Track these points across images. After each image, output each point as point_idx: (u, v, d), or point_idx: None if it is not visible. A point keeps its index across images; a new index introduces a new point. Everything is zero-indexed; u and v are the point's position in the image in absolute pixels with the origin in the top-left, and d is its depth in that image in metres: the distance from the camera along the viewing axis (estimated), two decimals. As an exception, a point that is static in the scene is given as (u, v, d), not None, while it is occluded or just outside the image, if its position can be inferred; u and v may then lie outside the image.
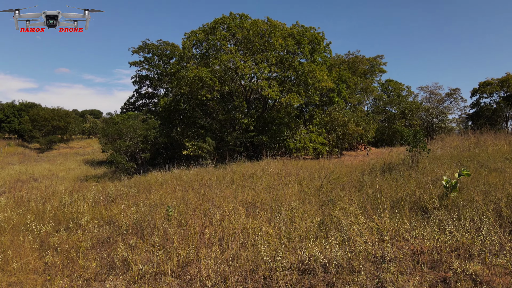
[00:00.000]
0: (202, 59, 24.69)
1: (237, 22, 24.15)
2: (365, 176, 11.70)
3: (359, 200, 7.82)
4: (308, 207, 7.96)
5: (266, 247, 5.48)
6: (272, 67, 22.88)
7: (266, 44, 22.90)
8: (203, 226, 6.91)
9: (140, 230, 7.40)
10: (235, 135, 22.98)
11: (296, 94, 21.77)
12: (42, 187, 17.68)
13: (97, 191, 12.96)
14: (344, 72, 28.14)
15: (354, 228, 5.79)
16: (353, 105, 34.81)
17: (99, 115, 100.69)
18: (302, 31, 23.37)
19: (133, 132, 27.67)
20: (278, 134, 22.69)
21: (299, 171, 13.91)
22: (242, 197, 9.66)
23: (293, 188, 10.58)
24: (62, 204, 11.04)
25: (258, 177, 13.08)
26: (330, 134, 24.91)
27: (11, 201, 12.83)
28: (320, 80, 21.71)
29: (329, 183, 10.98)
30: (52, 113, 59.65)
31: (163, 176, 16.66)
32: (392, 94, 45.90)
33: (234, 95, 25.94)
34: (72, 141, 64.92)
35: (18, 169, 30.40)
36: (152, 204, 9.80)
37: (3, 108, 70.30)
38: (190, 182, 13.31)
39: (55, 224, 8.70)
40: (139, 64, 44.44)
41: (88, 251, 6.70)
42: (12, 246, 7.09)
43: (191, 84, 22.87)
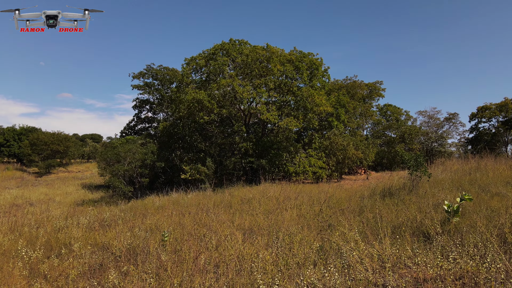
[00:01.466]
0: (202, 84, 24.95)
1: (236, 48, 24.56)
2: (365, 200, 11.51)
3: (359, 225, 7.62)
4: (307, 232, 7.75)
5: (263, 274, 5.27)
6: (271, 92, 23.09)
7: (264, 69, 23.20)
8: (198, 252, 6.70)
9: (133, 256, 7.16)
10: (234, 159, 22.87)
11: (295, 119, 21.84)
12: (38, 211, 17.39)
13: (93, 216, 12.71)
14: (343, 97, 28.37)
15: (354, 255, 5.59)
16: (352, 129, 34.92)
17: (100, 139, 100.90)
18: (301, 57, 23.73)
19: (131, 156, 27.57)
20: (277, 158, 22.59)
21: (298, 195, 13.70)
22: (239, 222, 9.45)
23: (291, 213, 10.37)
24: (56, 229, 10.79)
25: (257, 202, 12.87)
26: (330, 158, 24.80)
27: (5, 226, 12.56)
28: (318, 104, 21.83)
29: (329, 208, 10.78)
30: (52, 137, 59.74)
31: (160, 200, 16.43)
32: (391, 119, 46.20)
33: (233, 119, 26.03)
34: (71, 165, 64.68)
35: (15, 193, 30.08)
36: (148, 229, 9.57)
37: (3, 132, 70.46)
38: (187, 207, 13.09)
39: (47, 250, 8.46)
40: (141, 87, 44.88)
41: (78, 279, 6.45)
42: (1, 273, 6.84)
43: (190, 107, 23.00)
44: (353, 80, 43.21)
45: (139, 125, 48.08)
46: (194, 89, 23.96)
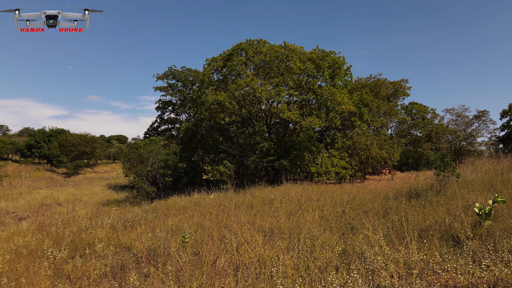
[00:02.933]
0: (222, 84, 25.02)
1: (254, 47, 24.46)
2: (389, 202, 11.15)
3: (384, 228, 7.35)
4: (329, 235, 7.55)
5: (283, 279, 5.13)
6: (291, 91, 22.85)
7: (284, 67, 23.00)
8: (218, 254, 6.63)
9: (154, 258, 7.18)
10: (253, 158, 22.76)
11: (317, 118, 21.52)
12: (64, 211, 17.88)
13: (116, 216, 12.92)
14: (366, 96, 27.70)
15: (378, 260, 5.36)
16: (376, 129, 34.12)
17: (125, 140, 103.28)
18: (322, 55, 23.37)
19: (154, 157, 27.95)
20: (299, 158, 22.34)
21: (320, 196, 13.45)
22: (260, 224, 9.32)
23: (313, 214, 10.16)
24: (81, 229, 11.02)
25: (278, 203, 12.71)
26: (353, 158, 24.31)
27: (33, 226, 12.96)
28: (340, 103, 21.42)
29: (352, 209, 10.50)
30: (79, 138, 61.63)
31: (182, 201, 16.55)
32: (417, 117, 44.88)
33: (255, 120, 25.96)
34: (98, 166, 66.50)
35: (44, 193, 31.12)
36: (169, 230, 9.60)
37: (34, 134, 73.36)
38: (208, 208, 13.09)
39: (72, 250, 8.63)
40: (164, 89, 45.58)
41: (100, 279, 6.52)
42: (27, 273, 7.00)
43: (211, 109, 23.08)
44: (377, 78, 42.23)
45: (162, 126, 48.81)
46: (214, 91, 24.05)
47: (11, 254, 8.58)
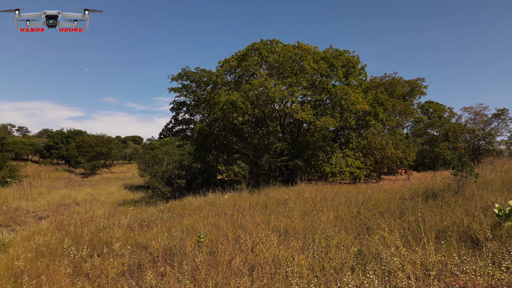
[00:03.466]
0: (236, 85, 25.10)
1: (268, 47, 24.47)
2: (406, 202, 11.00)
3: (400, 229, 7.26)
4: (344, 235, 7.50)
5: (298, 279, 5.14)
6: (304, 91, 22.78)
7: (297, 67, 22.94)
8: (233, 254, 6.67)
9: (170, 257, 7.27)
10: (267, 158, 22.76)
11: (331, 117, 21.40)
12: (82, 211, 18.24)
13: (133, 216, 13.12)
14: (381, 95, 27.36)
15: (395, 261, 5.30)
16: (391, 128, 33.68)
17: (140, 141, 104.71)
18: (336, 55, 23.22)
19: (169, 158, 28.25)
20: (313, 158, 22.24)
21: (334, 196, 13.37)
22: (275, 224, 9.33)
23: (328, 215, 10.11)
24: (98, 228, 11.24)
25: (292, 203, 12.69)
26: (368, 158, 24.05)
27: (52, 225, 13.28)
28: (355, 102, 21.24)
29: (367, 210, 10.41)
30: (96, 139, 62.77)
31: (197, 201, 16.68)
32: (433, 116, 44.07)
33: (268, 120, 25.97)
34: (114, 166, 67.59)
35: (63, 193, 31.80)
36: (184, 229, 9.70)
37: (52, 135, 75.12)
38: (223, 208, 13.16)
39: (90, 249, 8.80)
40: (178, 90, 46.01)
41: (118, 278, 6.65)
42: (47, 271, 7.18)
43: (224, 109, 23.21)
44: (392, 77, 41.67)
45: (177, 127, 49.22)
46: (227, 91, 24.17)
47: (32, 253, 8.82)
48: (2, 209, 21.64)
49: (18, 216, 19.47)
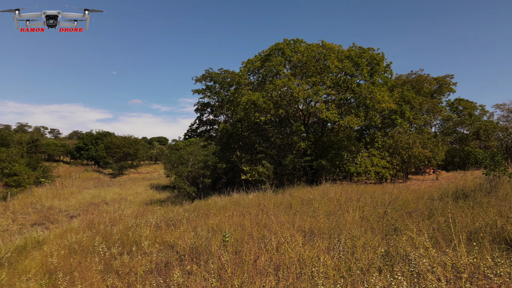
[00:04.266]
0: (259, 86, 25.15)
1: (291, 47, 24.36)
2: (435, 202, 10.70)
3: (429, 230, 7.08)
4: (370, 236, 7.38)
5: (324, 279, 5.10)
6: (328, 90, 22.55)
7: (321, 67, 22.73)
8: (258, 253, 6.70)
9: (196, 256, 7.38)
10: (291, 158, 22.68)
11: (355, 116, 21.08)
12: (111, 210, 18.77)
13: (160, 215, 13.39)
14: (408, 92, 26.67)
15: (424, 262, 5.18)
16: (419, 127, 32.78)
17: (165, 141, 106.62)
18: (360, 53, 22.84)
19: (193, 158, 28.62)
20: (337, 158, 21.99)
21: (360, 196, 13.17)
22: (299, 224, 9.30)
23: (353, 215, 9.97)
24: (127, 227, 11.55)
25: (317, 203, 12.60)
26: (394, 157, 23.52)
27: (83, 224, 13.76)
28: (380, 101, 20.81)
29: (394, 210, 10.19)
30: (123, 140, 64.40)
31: (222, 201, 16.82)
32: (463, 114, 42.60)
33: (292, 119, 25.87)
34: (141, 167, 69.13)
35: (93, 193, 32.85)
36: (210, 229, 9.82)
37: (82, 137, 77.79)
38: (247, 207, 13.22)
39: (120, 248, 9.06)
40: (202, 92, 46.57)
41: (146, 275, 6.81)
42: (79, 268, 7.45)
43: (246, 109, 23.29)
44: (418, 74, 40.55)
45: (201, 128, 49.83)
46: (250, 91, 24.24)
47: (65, 250, 9.17)
48: (37, 208, 22.63)
49: (51, 214, 20.30)
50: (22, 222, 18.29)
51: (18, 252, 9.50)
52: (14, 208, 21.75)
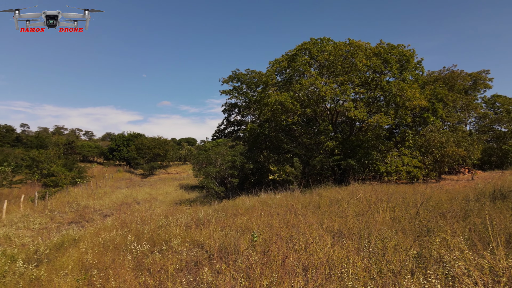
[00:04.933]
0: (286, 85, 25.06)
1: (318, 46, 24.11)
2: (470, 203, 10.29)
3: (464, 232, 6.82)
4: (402, 237, 7.20)
5: (354, 281, 5.03)
6: (356, 88, 22.13)
7: (348, 65, 22.36)
8: (286, 253, 6.69)
9: (225, 255, 7.46)
10: (319, 158, 22.44)
11: (385, 115, 20.57)
12: (142, 209, 19.28)
13: (189, 215, 13.61)
14: (440, 89, 25.71)
15: (459, 265, 4.99)
16: (452, 125, 31.55)
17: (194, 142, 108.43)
18: (389, 49, 22.25)
19: (221, 158, 28.90)
20: (366, 158, 21.56)
21: (390, 196, 12.85)
22: (328, 224, 9.21)
23: (384, 216, 9.76)
24: (158, 226, 11.83)
25: (346, 203, 12.41)
26: (426, 156, 22.76)
27: (116, 222, 14.22)
28: (411, 98, 20.21)
29: (427, 211, 9.88)
30: (153, 142, 66.01)
31: (250, 201, 16.89)
32: (501, 111, 40.61)
33: (320, 119, 25.61)
34: (170, 167, 70.56)
35: (125, 192, 33.85)
36: (238, 229, 9.89)
37: (115, 138, 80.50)
38: (275, 207, 13.22)
39: (151, 246, 9.30)
40: (229, 92, 46.94)
41: (176, 273, 6.96)
42: (113, 265, 7.71)
43: (273, 109, 23.25)
44: (451, 70, 38.97)
45: (229, 128, 50.21)
46: (277, 91, 24.18)
47: (100, 247, 9.51)
48: (73, 207, 23.60)
49: (87, 213, 21.12)
50: (60, 220, 19.14)
51: (56, 249, 9.95)
52: (52, 207, 22.79)
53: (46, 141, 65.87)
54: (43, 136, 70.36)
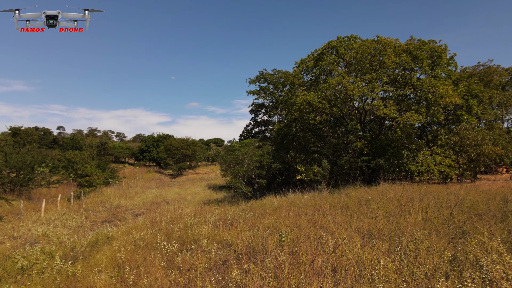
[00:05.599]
0: (313, 85, 24.82)
1: (345, 45, 23.72)
2: (509, 204, 9.81)
3: (503, 234, 6.52)
4: (435, 239, 6.97)
5: (385, 283, 4.93)
6: (385, 86, 21.57)
7: (377, 63, 21.84)
8: (315, 254, 6.64)
9: (253, 255, 7.49)
10: (347, 158, 22.08)
11: (416, 113, 19.93)
12: (172, 209, 19.68)
13: (217, 215, 13.76)
14: (475, 86, 24.59)
15: (497, 269, 4.78)
16: (488, 122, 30.15)
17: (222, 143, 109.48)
18: (419, 45, 21.52)
19: (249, 158, 29.04)
20: (396, 157, 20.99)
21: (422, 197, 12.47)
22: (357, 225, 9.05)
23: (415, 217, 9.49)
24: (187, 226, 12.03)
25: (375, 203, 12.15)
26: (460, 155, 21.89)
27: (147, 221, 14.60)
28: (443, 95, 19.46)
29: (461, 212, 9.51)
30: (182, 142, 67.19)
31: (277, 201, 16.86)
32: (543, 107, 38.41)
33: (347, 118, 25.20)
34: (198, 168, 71.61)
35: (155, 192, 34.68)
36: (266, 228, 9.90)
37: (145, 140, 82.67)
38: (303, 208, 13.13)
39: (180, 245, 9.47)
40: (256, 93, 47.08)
41: (205, 272, 7.06)
42: (145, 263, 7.92)
43: (301, 109, 23.07)
44: (487, 66, 37.25)
45: (256, 129, 50.36)
46: (304, 91, 23.98)
47: (131, 246, 9.80)
48: (106, 206, 24.45)
49: (119, 212, 21.82)
50: (94, 219, 19.87)
51: (91, 246, 10.34)
52: (87, 206, 23.70)
53: (80, 143, 68.51)
54: (77, 138, 73.22)
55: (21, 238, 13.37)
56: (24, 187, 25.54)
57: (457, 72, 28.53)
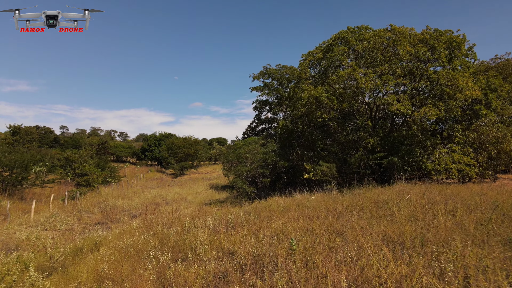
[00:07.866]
0: (320, 78, 23.49)
1: (355, 35, 22.41)
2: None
3: None
4: (486, 250, 5.66)
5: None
6: (399, 79, 20.11)
7: (390, 54, 20.45)
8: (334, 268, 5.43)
9: (260, 268, 6.25)
10: (358, 156, 20.75)
11: (433, 107, 18.52)
12: (170, 210, 18.47)
13: (218, 217, 12.55)
14: (494, 79, 23.08)
15: None
16: (507, 118, 28.55)
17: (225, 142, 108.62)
18: (436, 35, 20.09)
19: (252, 156, 27.82)
20: (410, 155, 19.64)
21: (448, 198, 11.18)
22: (379, 230, 7.80)
23: (444, 220, 8.23)
24: (184, 229, 10.84)
25: (394, 205, 10.88)
26: (479, 153, 20.47)
27: (142, 224, 13.37)
28: (463, 88, 18.07)
29: (500, 215, 8.23)
30: (184, 141, 66.14)
31: (284, 202, 15.62)
32: None
33: (357, 114, 23.85)
34: (201, 167, 70.48)
35: (155, 192, 33.52)
36: (273, 234, 8.66)
37: (147, 139, 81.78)
38: (314, 209, 11.88)
39: (175, 253, 8.30)
40: (260, 89, 45.89)
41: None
42: (132, 276, 6.72)
43: (307, 105, 21.74)
44: (505, 59, 35.60)
45: (260, 126, 49.24)
46: (310, 86, 22.67)
47: (120, 254, 8.57)
48: (102, 207, 23.24)
49: (114, 214, 20.56)
50: (87, 221, 18.67)
51: (74, 254, 9.10)
52: (81, 207, 22.50)
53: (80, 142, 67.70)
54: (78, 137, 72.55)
55: (1, 242, 12.16)
56: (17, 187, 24.43)
57: (475, 64, 27.10)
